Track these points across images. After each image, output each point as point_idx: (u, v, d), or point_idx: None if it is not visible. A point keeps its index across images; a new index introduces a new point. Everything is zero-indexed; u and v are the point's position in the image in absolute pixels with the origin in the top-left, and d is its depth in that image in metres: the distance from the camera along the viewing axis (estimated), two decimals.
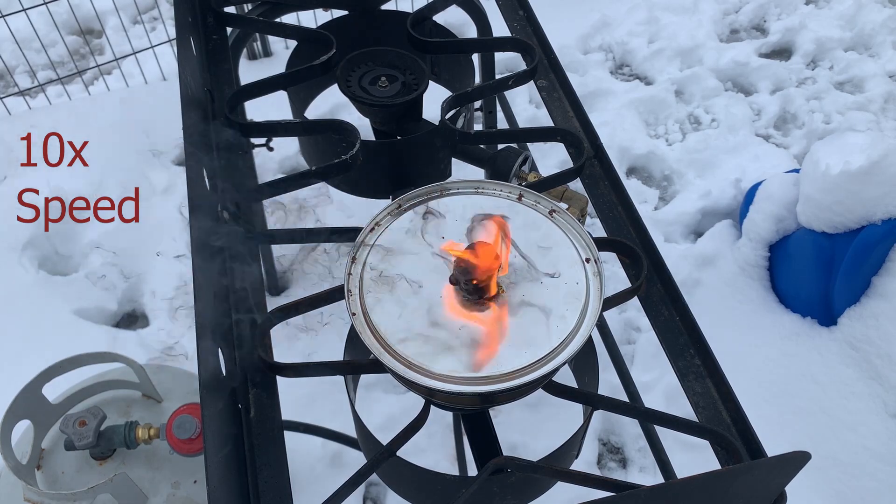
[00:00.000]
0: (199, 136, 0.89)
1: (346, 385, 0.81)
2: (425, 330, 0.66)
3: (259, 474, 0.69)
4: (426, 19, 1.12)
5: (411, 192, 0.77)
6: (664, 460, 1.17)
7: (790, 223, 1.76)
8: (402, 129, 1.06)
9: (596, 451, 1.61)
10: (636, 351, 1.73)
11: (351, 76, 1.02)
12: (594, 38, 2.55)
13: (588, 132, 0.98)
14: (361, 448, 0.83)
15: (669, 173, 2.16)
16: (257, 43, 2.39)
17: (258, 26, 1.20)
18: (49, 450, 1.06)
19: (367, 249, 0.72)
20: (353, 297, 0.69)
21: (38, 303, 1.71)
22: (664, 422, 0.73)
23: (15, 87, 2.25)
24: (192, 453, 0.99)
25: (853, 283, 1.65)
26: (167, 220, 1.90)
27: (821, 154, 1.64)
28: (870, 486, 1.50)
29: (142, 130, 2.09)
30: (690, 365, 0.77)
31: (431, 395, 0.70)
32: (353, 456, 1.50)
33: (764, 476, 0.63)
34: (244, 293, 0.81)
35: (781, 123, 2.31)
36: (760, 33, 2.61)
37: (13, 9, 2.01)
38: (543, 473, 0.72)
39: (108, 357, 1.07)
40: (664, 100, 2.32)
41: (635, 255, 0.80)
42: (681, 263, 1.85)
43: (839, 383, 1.63)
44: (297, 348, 1.65)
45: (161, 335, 1.69)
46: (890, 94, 2.33)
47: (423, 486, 0.76)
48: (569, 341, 0.66)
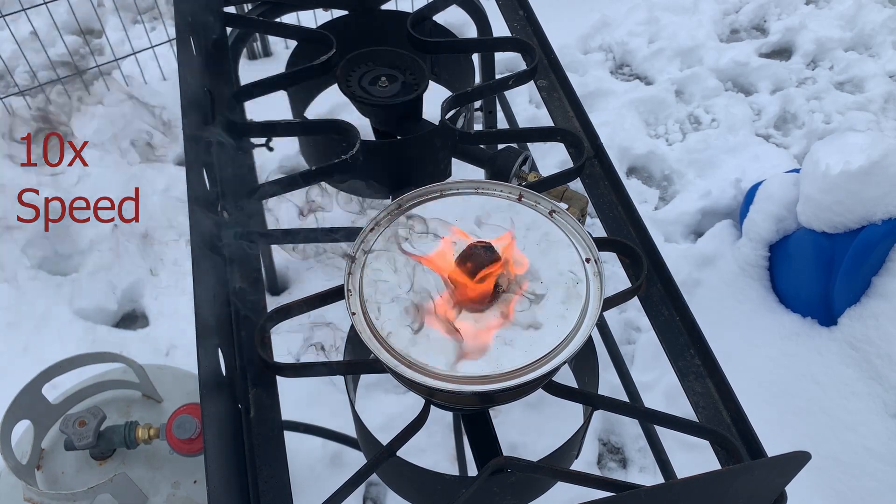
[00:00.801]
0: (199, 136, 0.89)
1: (346, 385, 0.81)
2: (426, 329, 0.66)
3: (259, 474, 0.69)
4: (426, 19, 1.12)
5: (411, 192, 0.77)
6: (664, 460, 1.17)
7: (790, 223, 1.76)
8: (402, 129, 1.06)
9: (596, 451, 1.61)
10: (636, 351, 1.73)
11: (351, 76, 1.02)
12: (594, 38, 2.55)
13: (588, 132, 0.98)
14: (361, 448, 0.83)
15: (669, 173, 2.15)
16: (257, 43, 2.39)
17: (258, 26, 1.20)
18: (49, 450, 1.06)
19: (367, 248, 0.72)
20: (353, 297, 0.69)
21: (38, 303, 1.71)
22: (664, 422, 0.73)
23: (15, 87, 2.25)
24: (192, 453, 0.99)
25: (853, 283, 1.65)
26: (167, 221, 1.90)
27: (821, 154, 1.64)
28: (870, 486, 1.50)
29: (142, 130, 2.09)
30: (690, 365, 0.77)
31: (431, 395, 0.70)
32: (353, 456, 1.50)
33: (764, 476, 0.63)
34: (244, 293, 0.81)
35: (781, 123, 2.31)
36: (760, 33, 2.61)
37: (13, 9, 2.01)
38: (543, 473, 0.72)
39: (108, 357, 1.07)
40: (664, 100, 2.32)
41: (635, 255, 0.80)
42: (681, 263, 1.85)
43: (839, 383, 1.63)
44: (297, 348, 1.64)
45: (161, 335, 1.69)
46: (890, 94, 2.33)
47: (423, 486, 0.76)
48: (569, 341, 0.66)
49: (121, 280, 1.81)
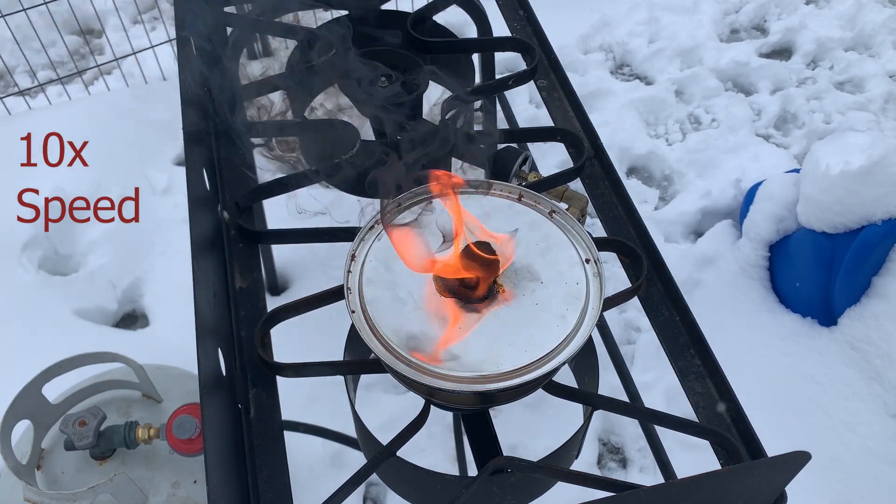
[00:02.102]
0: (199, 136, 0.89)
1: (346, 385, 0.81)
2: (426, 328, 0.66)
3: (259, 474, 0.69)
4: (426, 19, 1.12)
5: (411, 191, 0.77)
6: (664, 460, 1.17)
7: (790, 223, 1.76)
8: (402, 129, 1.06)
9: (596, 451, 1.60)
10: (636, 351, 1.73)
11: (351, 76, 1.02)
12: (594, 38, 2.55)
13: (588, 132, 0.98)
14: (361, 448, 0.83)
15: (670, 173, 2.15)
16: (257, 43, 2.39)
17: (258, 26, 1.19)
18: (49, 450, 1.06)
19: (367, 247, 0.72)
20: (353, 295, 0.69)
21: (38, 303, 1.71)
22: (664, 422, 0.73)
23: (15, 87, 2.25)
24: (192, 453, 0.99)
25: (853, 283, 1.65)
26: (167, 220, 1.90)
27: (821, 154, 1.64)
28: (870, 486, 1.50)
29: (142, 130, 2.09)
30: (690, 365, 0.77)
31: (431, 395, 0.70)
32: (353, 456, 1.50)
33: (764, 476, 0.63)
34: (244, 293, 0.81)
35: (782, 123, 2.31)
36: (761, 33, 2.61)
37: (13, 9, 2.01)
38: (543, 473, 0.72)
39: (108, 357, 1.07)
40: (664, 100, 2.32)
41: (635, 255, 0.80)
42: (681, 263, 1.85)
43: (839, 383, 1.63)
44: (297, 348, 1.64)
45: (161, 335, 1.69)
46: (890, 94, 2.33)
47: (423, 486, 0.76)
48: (569, 341, 0.66)
49: (121, 280, 1.81)
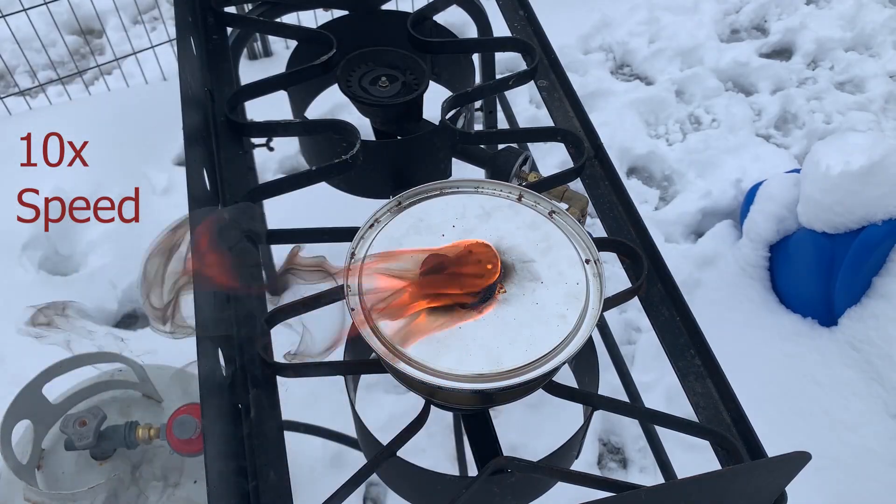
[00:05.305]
0: (199, 136, 0.89)
1: (346, 385, 0.81)
2: (425, 327, 0.66)
3: (259, 474, 0.69)
4: (426, 19, 1.12)
5: (411, 190, 0.77)
6: (664, 460, 1.17)
7: (791, 223, 1.76)
8: (402, 129, 1.05)
9: (596, 451, 1.60)
10: (636, 351, 1.73)
11: (351, 76, 1.02)
12: (594, 38, 2.55)
13: (588, 132, 0.98)
14: (361, 448, 0.83)
15: (670, 173, 2.15)
16: (257, 43, 2.39)
17: (258, 26, 1.19)
18: (49, 450, 1.06)
19: (367, 245, 0.72)
20: (352, 293, 0.69)
21: (38, 303, 1.71)
22: (664, 422, 0.73)
23: (15, 87, 2.25)
24: (192, 453, 0.99)
25: (854, 283, 1.65)
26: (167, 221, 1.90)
27: (821, 154, 1.64)
28: (870, 486, 1.50)
29: (142, 130, 2.09)
30: (691, 365, 0.77)
31: (431, 395, 0.70)
32: (353, 456, 1.50)
33: (764, 476, 0.62)
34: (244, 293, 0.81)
35: (782, 123, 2.31)
36: (761, 33, 2.61)
37: (13, 9, 2.01)
38: (543, 474, 0.72)
39: (108, 357, 1.07)
40: (665, 100, 2.32)
41: (636, 256, 0.80)
42: (681, 263, 1.85)
43: (840, 384, 1.63)
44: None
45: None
46: (890, 94, 2.33)
47: (423, 486, 0.76)
48: (569, 341, 0.66)
49: (121, 280, 1.81)
